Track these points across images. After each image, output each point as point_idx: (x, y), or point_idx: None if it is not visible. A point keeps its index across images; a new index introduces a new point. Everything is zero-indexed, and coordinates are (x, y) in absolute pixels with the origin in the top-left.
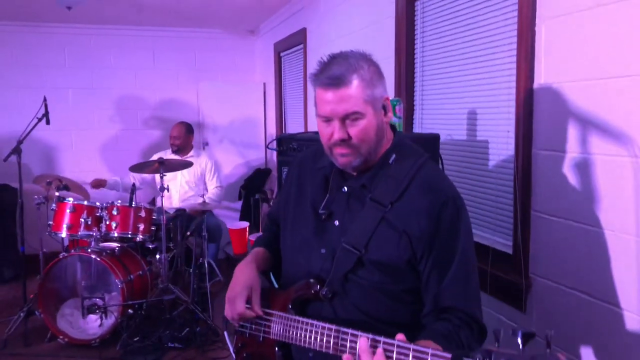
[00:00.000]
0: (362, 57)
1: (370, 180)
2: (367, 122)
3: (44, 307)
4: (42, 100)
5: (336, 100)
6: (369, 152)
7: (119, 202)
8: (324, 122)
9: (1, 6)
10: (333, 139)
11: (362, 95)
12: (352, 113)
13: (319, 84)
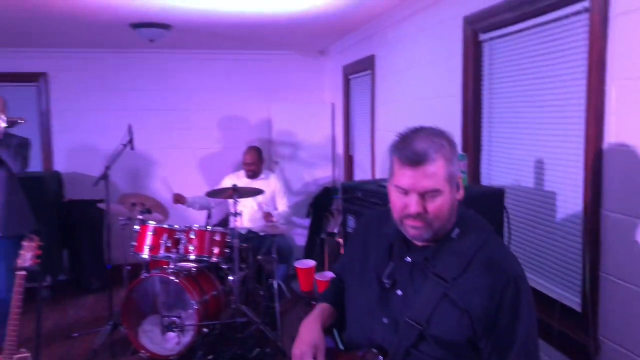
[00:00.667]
0: (442, 134)
1: (434, 254)
2: (444, 199)
3: (127, 323)
4: (128, 127)
5: (418, 176)
6: (440, 227)
7: (196, 226)
8: (400, 192)
9: (93, 36)
10: (408, 211)
11: (443, 174)
12: (433, 190)
13: (402, 157)
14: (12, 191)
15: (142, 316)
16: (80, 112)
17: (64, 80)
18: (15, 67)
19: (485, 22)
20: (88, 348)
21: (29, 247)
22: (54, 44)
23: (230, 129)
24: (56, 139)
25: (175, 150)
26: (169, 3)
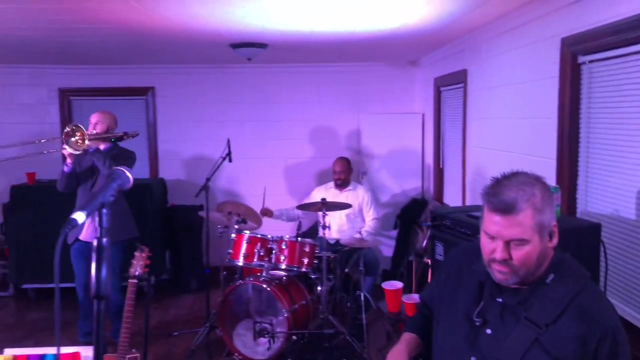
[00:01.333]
0: (535, 182)
1: (527, 298)
2: (531, 248)
3: (223, 325)
4: (227, 141)
5: (504, 225)
6: (526, 274)
7: (287, 237)
8: (488, 237)
9: (196, 54)
10: (493, 256)
11: (530, 224)
12: (518, 239)
13: (490, 204)
14: (115, 201)
15: (236, 320)
16: (183, 124)
17: (169, 94)
18: (128, 82)
19: (585, 45)
20: (187, 347)
21: (140, 257)
22: (161, 61)
23: (320, 140)
24: (161, 148)
25: (269, 160)
26: (266, 26)
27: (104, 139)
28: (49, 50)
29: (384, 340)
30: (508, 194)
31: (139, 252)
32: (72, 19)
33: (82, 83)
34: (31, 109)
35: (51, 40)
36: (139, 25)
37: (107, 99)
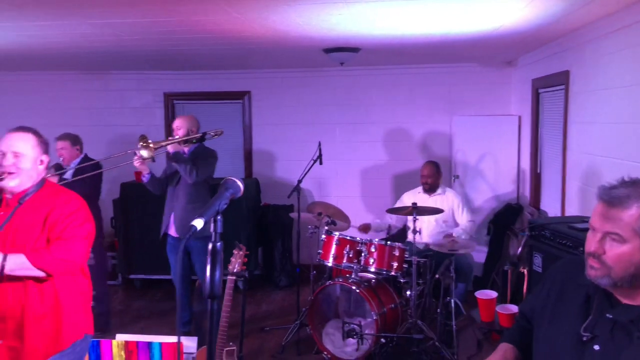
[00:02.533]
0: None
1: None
2: (628, 250)
3: (312, 324)
4: (318, 144)
5: (604, 216)
6: (621, 279)
7: (377, 240)
8: (590, 230)
9: (290, 59)
10: (587, 248)
11: (632, 224)
12: (614, 234)
13: (600, 194)
14: (194, 198)
15: (325, 319)
16: (276, 126)
17: (264, 98)
18: (226, 87)
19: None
20: (277, 342)
21: (238, 255)
22: (257, 66)
23: (411, 142)
24: (256, 149)
25: (359, 162)
26: (360, 31)
27: (185, 141)
28: (156, 57)
29: (474, 348)
30: (621, 190)
31: (237, 250)
32: (180, 30)
33: (185, 88)
34: (139, 112)
35: (160, 49)
36: (239, 34)
37: (206, 102)
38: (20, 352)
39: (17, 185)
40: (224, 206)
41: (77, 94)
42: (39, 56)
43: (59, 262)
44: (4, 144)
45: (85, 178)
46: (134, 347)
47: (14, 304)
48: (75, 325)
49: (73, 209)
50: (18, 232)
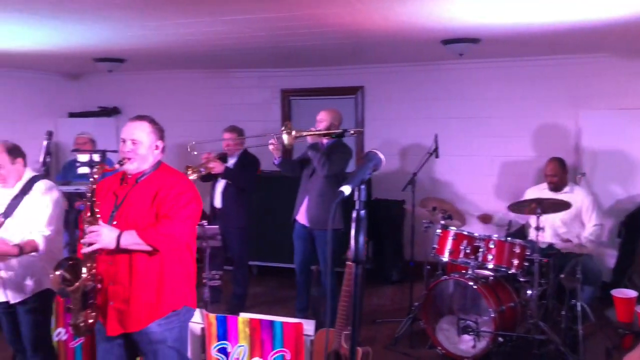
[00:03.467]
0: None
1: None
2: None
3: (426, 318)
4: (434, 136)
5: None
6: None
7: (496, 236)
8: None
9: (405, 52)
10: None
11: None
12: None
13: None
14: (325, 191)
15: (439, 314)
16: (389, 121)
17: (377, 93)
18: (339, 82)
19: None
20: (389, 335)
21: None
22: (370, 61)
23: (532, 137)
24: (368, 144)
25: (475, 157)
26: (481, 20)
27: (324, 135)
28: (275, 55)
29: (602, 356)
30: None
31: None
32: (302, 25)
33: (300, 84)
34: (257, 108)
35: (279, 46)
36: (358, 27)
37: (320, 98)
38: (125, 314)
39: (135, 169)
40: (368, 176)
41: (202, 90)
42: (175, 55)
43: (164, 239)
44: (124, 132)
45: (247, 169)
46: (257, 325)
47: (124, 271)
48: (176, 296)
49: (180, 191)
50: (132, 207)
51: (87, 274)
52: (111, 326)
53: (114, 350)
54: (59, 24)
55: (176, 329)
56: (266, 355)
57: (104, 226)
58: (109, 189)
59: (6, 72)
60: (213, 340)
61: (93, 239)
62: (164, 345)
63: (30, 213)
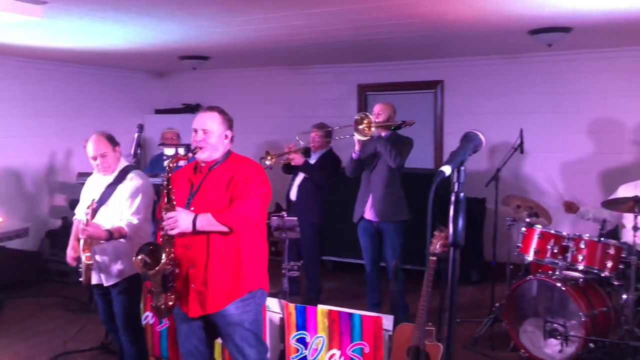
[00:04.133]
0: None
1: None
2: None
3: (509, 319)
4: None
5: None
6: None
7: (587, 236)
8: None
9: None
10: None
11: None
12: None
13: None
14: (389, 183)
15: (523, 316)
16: (469, 116)
17: (457, 87)
18: (418, 76)
19: None
20: (469, 335)
21: (439, 236)
22: (450, 54)
23: (623, 133)
24: (447, 140)
25: (562, 153)
26: (574, 6)
27: (386, 127)
28: (353, 49)
29: None
30: None
31: (438, 232)
32: (381, 17)
33: (377, 79)
34: (333, 104)
35: (357, 39)
36: (439, 17)
37: (398, 93)
38: (205, 296)
39: (207, 157)
40: (468, 157)
41: (280, 87)
42: (255, 52)
43: (236, 217)
44: (195, 123)
45: (327, 168)
46: (336, 317)
47: (201, 254)
48: (251, 277)
49: (251, 175)
50: (207, 194)
51: (166, 258)
52: (192, 308)
53: (195, 332)
54: (150, 21)
55: (252, 311)
56: (344, 348)
57: (181, 211)
58: (184, 178)
59: (99, 71)
60: (292, 330)
61: (172, 225)
62: (241, 327)
63: (121, 201)
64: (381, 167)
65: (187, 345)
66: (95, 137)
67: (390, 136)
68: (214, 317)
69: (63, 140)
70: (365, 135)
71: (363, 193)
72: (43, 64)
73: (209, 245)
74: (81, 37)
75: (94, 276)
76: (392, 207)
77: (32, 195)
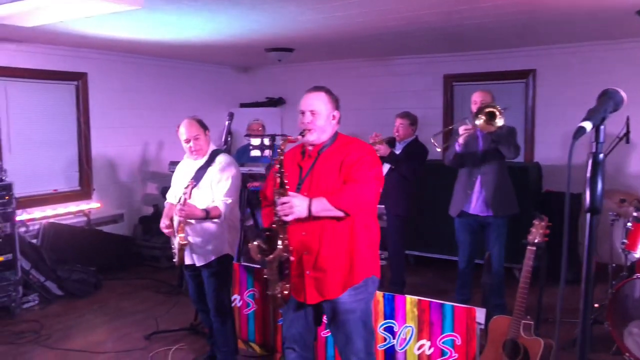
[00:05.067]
0: None
1: None
2: None
3: (612, 321)
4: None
5: None
6: None
7: None
8: None
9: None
10: None
11: None
12: None
13: None
14: (502, 177)
15: (628, 318)
16: (565, 106)
17: (551, 76)
18: (507, 66)
19: None
20: (563, 336)
21: (539, 225)
22: (543, 42)
23: None
24: (538, 131)
25: None
26: None
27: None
28: (440, 38)
29: None
30: None
31: (537, 221)
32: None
33: (464, 69)
34: (418, 95)
35: (447, 27)
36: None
37: (486, 83)
38: (322, 282)
39: (315, 139)
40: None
41: (363, 79)
42: (339, 43)
43: (352, 201)
44: (302, 104)
45: (413, 158)
46: (427, 306)
47: (316, 240)
48: (366, 264)
49: (363, 155)
50: (319, 178)
51: (282, 245)
52: (310, 295)
53: (301, 318)
54: (238, 13)
55: (364, 300)
56: (435, 339)
57: (295, 195)
58: (292, 163)
59: (190, 65)
60: (380, 318)
61: (286, 210)
62: (353, 315)
63: (213, 183)
64: (490, 159)
65: (292, 330)
66: (188, 121)
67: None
68: (326, 304)
69: (155, 132)
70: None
71: (465, 186)
72: (139, 59)
73: (323, 230)
74: (174, 29)
75: (186, 257)
76: (503, 200)
77: (126, 183)
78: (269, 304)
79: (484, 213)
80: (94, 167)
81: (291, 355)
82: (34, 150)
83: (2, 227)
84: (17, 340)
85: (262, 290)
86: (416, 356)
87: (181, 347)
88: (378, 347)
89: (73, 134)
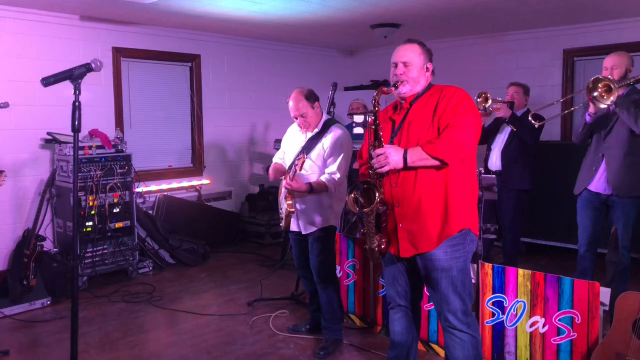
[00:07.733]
0: None
1: None
2: None
3: None
4: None
5: None
6: None
7: None
8: None
9: None
10: None
11: None
12: None
13: None
14: (631, 152)
15: None
16: None
17: None
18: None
19: None
20: None
21: None
22: None
23: None
24: None
25: None
26: None
27: (624, 83)
28: (560, 9)
29: None
30: None
31: None
32: None
33: (585, 42)
34: (535, 72)
35: None
36: None
37: None
38: (416, 235)
39: (408, 91)
40: None
41: (474, 57)
42: (449, 16)
43: (450, 147)
44: (395, 56)
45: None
46: (541, 280)
47: (410, 191)
48: (463, 214)
49: (458, 100)
50: (411, 128)
51: (378, 197)
52: (403, 247)
53: (402, 274)
54: None
55: (462, 258)
56: (550, 316)
57: (389, 146)
58: (384, 117)
59: (295, 49)
60: (488, 292)
61: (382, 162)
62: (448, 273)
63: (324, 154)
64: (618, 131)
65: (396, 287)
66: (295, 95)
67: (630, 93)
68: (421, 260)
69: (262, 114)
70: (604, 103)
71: (591, 161)
72: (247, 42)
73: (416, 181)
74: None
75: (293, 223)
76: (632, 178)
77: (234, 162)
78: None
79: (607, 191)
80: (205, 146)
81: (396, 314)
82: (151, 127)
83: (122, 195)
84: (133, 299)
85: (363, 261)
86: (528, 334)
87: (281, 313)
88: (485, 323)
89: (187, 114)
